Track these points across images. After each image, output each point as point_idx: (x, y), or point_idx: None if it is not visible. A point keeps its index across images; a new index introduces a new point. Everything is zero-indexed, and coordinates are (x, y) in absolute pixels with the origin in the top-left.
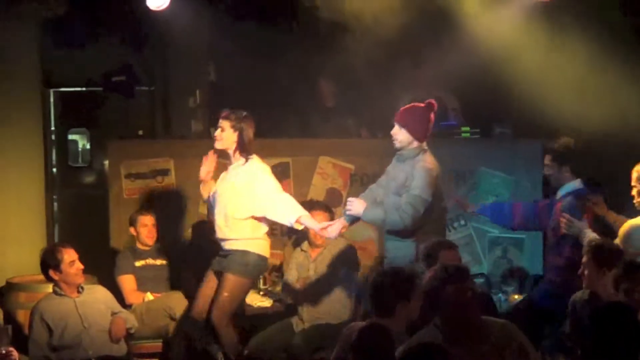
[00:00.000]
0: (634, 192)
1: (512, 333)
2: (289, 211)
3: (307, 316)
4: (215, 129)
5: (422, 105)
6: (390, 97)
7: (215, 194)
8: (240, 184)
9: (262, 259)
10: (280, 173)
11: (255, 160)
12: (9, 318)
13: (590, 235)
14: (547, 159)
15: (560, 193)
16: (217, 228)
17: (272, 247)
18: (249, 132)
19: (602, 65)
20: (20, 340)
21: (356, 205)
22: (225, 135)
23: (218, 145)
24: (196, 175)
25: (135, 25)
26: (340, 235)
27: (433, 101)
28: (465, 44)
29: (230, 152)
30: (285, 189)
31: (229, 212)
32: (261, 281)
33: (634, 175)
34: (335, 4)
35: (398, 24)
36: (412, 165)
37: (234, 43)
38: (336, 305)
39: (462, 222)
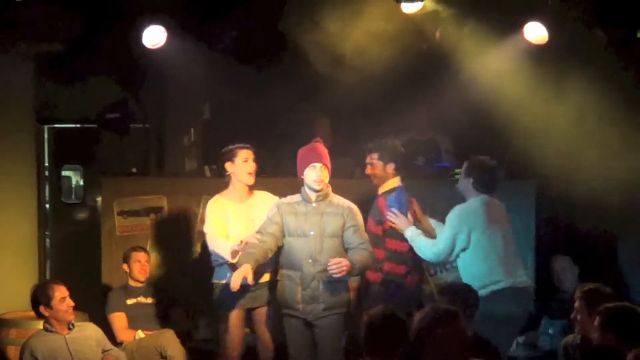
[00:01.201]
0: None
1: None
2: None
3: None
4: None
5: (321, 144)
6: (383, 137)
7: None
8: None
9: None
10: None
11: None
12: (0, 354)
13: (410, 231)
14: (373, 157)
15: (384, 189)
16: None
17: None
18: None
19: (597, 108)
20: None
21: (348, 265)
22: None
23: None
24: (188, 212)
25: (131, 62)
26: None
27: (320, 139)
28: (459, 86)
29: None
30: None
31: None
32: None
33: None
34: (330, 45)
35: (392, 65)
36: (337, 206)
37: (230, 82)
38: None
39: (455, 264)
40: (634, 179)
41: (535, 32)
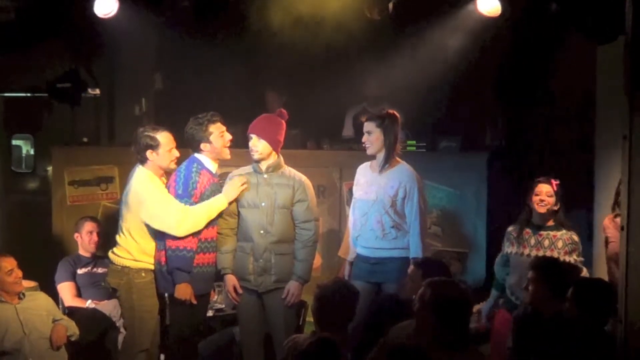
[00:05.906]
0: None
1: None
2: None
3: None
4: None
5: (275, 115)
6: (336, 109)
7: None
8: None
9: None
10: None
11: None
12: None
13: None
14: None
15: None
16: None
17: None
18: None
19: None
20: None
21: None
22: None
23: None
24: None
25: (82, 32)
26: None
27: (284, 110)
28: (412, 57)
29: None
30: None
31: None
32: None
33: None
34: (283, 15)
35: (345, 36)
36: (288, 178)
37: (181, 52)
38: None
39: None
40: None
41: (488, 4)
